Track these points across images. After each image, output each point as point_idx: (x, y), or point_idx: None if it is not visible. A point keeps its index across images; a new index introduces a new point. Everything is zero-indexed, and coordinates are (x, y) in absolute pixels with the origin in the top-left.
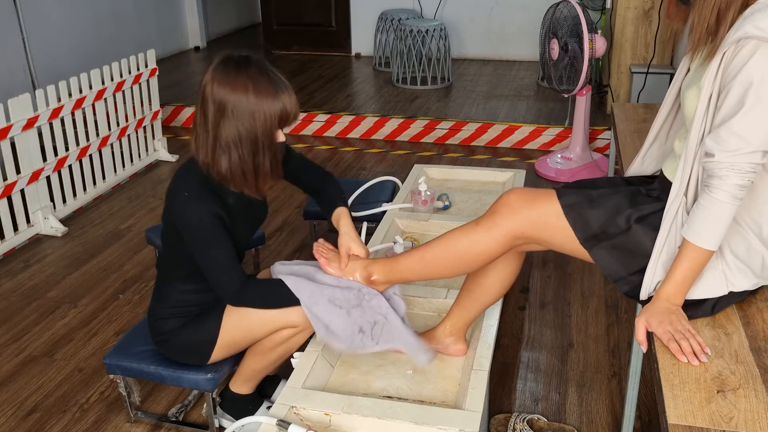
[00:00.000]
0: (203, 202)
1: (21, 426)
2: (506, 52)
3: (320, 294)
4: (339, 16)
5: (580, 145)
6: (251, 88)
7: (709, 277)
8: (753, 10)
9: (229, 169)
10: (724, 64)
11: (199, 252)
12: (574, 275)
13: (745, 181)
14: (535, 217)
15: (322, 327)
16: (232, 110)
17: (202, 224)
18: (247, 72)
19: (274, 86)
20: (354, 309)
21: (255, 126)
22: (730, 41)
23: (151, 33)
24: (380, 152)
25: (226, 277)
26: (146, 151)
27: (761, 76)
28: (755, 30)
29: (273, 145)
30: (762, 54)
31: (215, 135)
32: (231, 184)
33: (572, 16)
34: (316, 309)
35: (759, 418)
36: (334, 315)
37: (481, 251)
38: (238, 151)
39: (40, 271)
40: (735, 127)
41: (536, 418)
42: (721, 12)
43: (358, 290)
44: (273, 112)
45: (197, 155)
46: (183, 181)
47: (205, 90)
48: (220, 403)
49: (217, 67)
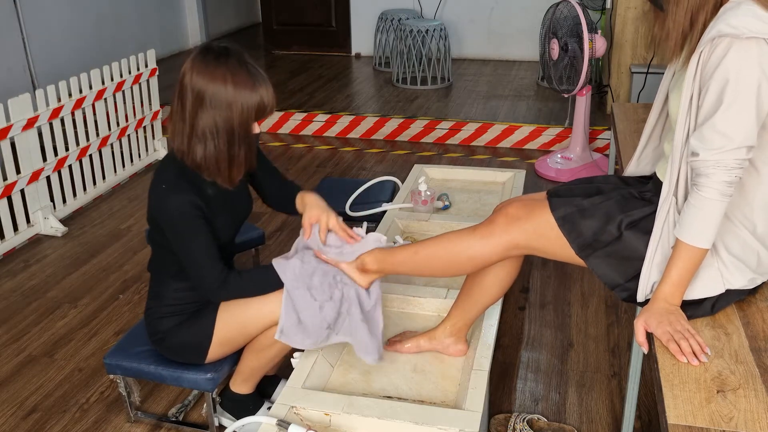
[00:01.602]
0: (181, 193)
1: (21, 426)
2: (506, 52)
3: (301, 279)
4: (339, 16)
5: (580, 145)
6: (230, 79)
7: (705, 276)
8: (725, 9)
9: (204, 158)
10: (701, 63)
11: (179, 245)
12: (574, 275)
13: (732, 177)
14: (530, 229)
15: (294, 316)
16: (210, 100)
17: (181, 215)
18: (226, 63)
19: (253, 78)
20: (327, 302)
21: (232, 117)
22: (705, 40)
23: (151, 33)
24: (380, 152)
25: (205, 271)
26: (146, 151)
27: (737, 72)
28: (728, 28)
29: (248, 136)
30: (736, 51)
31: (192, 124)
32: (204, 173)
33: (572, 16)
34: (295, 294)
35: (759, 418)
36: (308, 306)
37: (473, 257)
38: (214, 141)
39: (40, 271)
40: (717, 125)
41: (536, 418)
42: (693, 15)
43: (333, 277)
44: (251, 104)
45: (173, 142)
46: (160, 175)
47: (184, 78)
48: (220, 403)
49: (197, 56)
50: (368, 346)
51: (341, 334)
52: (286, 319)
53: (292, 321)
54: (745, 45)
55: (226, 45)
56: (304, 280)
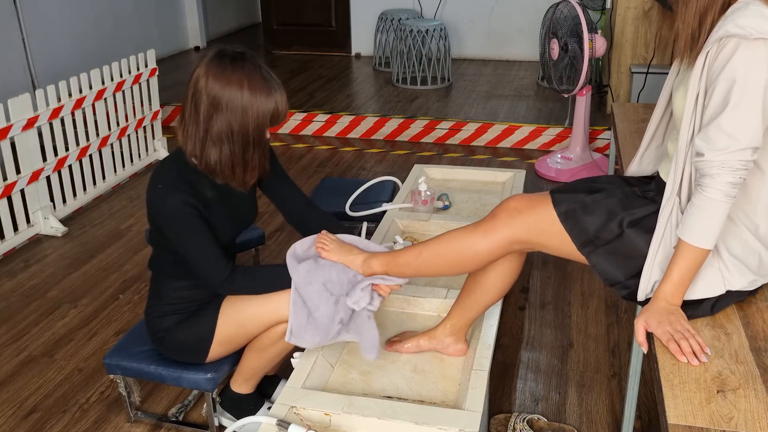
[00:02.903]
0: (177, 192)
1: (21, 426)
2: (506, 52)
3: (317, 273)
4: (339, 16)
5: (580, 145)
6: (246, 85)
7: (706, 277)
8: (734, 9)
9: (218, 162)
10: (708, 63)
11: (180, 243)
12: (574, 275)
13: (737, 179)
14: (532, 223)
15: (304, 313)
16: (226, 105)
17: (177, 213)
18: (242, 68)
19: (268, 84)
20: (342, 297)
21: (247, 122)
22: (713, 40)
23: (151, 33)
24: (380, 152)
25: (211, 262)
26: (146, 151)
27: (744, 73)
28: (736, 28)
29: (262, 141)
30: (743, 51)
31: (206, 128)
32: (218, 177)
33: (572, 16)
34: (307, 290)
35: (759, 418)
36: (323, 300)
37: (477, 253)
38: (229, 145)
39: (40, 271)
40: (723, 125)
41: (536, 418)
42: (702, 15)
43: (354, 275)
44: (266, 110)
45: (185, 146)
46: (158, 176)
47: (198, 83)
48: (220, 403)
49: (212, 60)
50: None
51: (351, 332)
52: (295, 318)
53: (301, 319)
54: (753, 46)
55: (241, 50)
56: (321, 273)
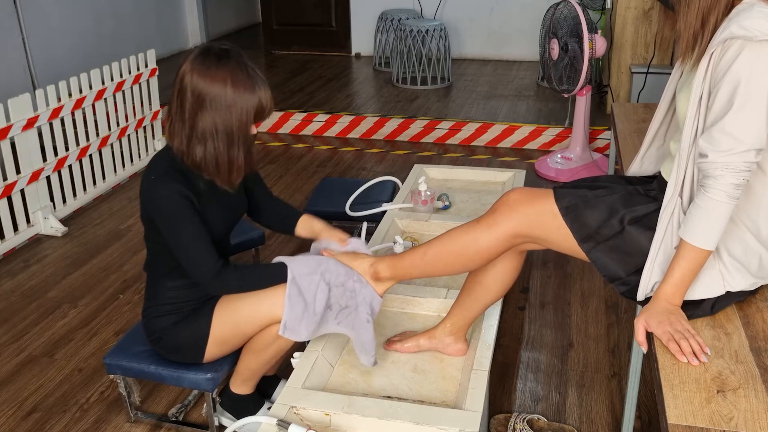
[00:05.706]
0: (170, 183)
1: (21, 426)
2: (506, 52)
3: (314, 265)
4: (339, 16)
5: (580, 145)
6: (230, 82)
7: (706, 278)
8: (738, 11)
9: (204, 159)
10: (712, 64)
11: (172, 235)
12: (574, 275)
13: (740, 180)
14: (533, 216)
15: (301, 303)
16: (210, 102)
17: (170, 204)
18: (226, 65)
19: (252, 81)
20: (336, 288)
21: (231, 119)
22: (717, 42)
23: (151, 33)
24: (380, 152)
25: (200, 258)
26: (146, 151)
27: (748, 74)
28: (740, 30)
29: (247, 138)
30: (748, 53)
31: (192, 125)
32: (204, 173)
33: (572, 16)
34: (306, 280)
35: (759, 418)
36: (320, 289)
37: (481, 248)
38: (213, 142)
39: (40, 271)
40: (727, 127)
41: (536, 418)
42: (705, 16)
43: (347, 271)
44: (250, 106)
45: (171, 143)
46: (151, 168)
47: (184, 80)
48: (220, 402)
49: (197, 58)
50: (368, 347)
51: (342, 325)
52: (290, 311)
53: (296, 312)
54: (758, 48)
55: (226, 47)
56: (319, 264)
